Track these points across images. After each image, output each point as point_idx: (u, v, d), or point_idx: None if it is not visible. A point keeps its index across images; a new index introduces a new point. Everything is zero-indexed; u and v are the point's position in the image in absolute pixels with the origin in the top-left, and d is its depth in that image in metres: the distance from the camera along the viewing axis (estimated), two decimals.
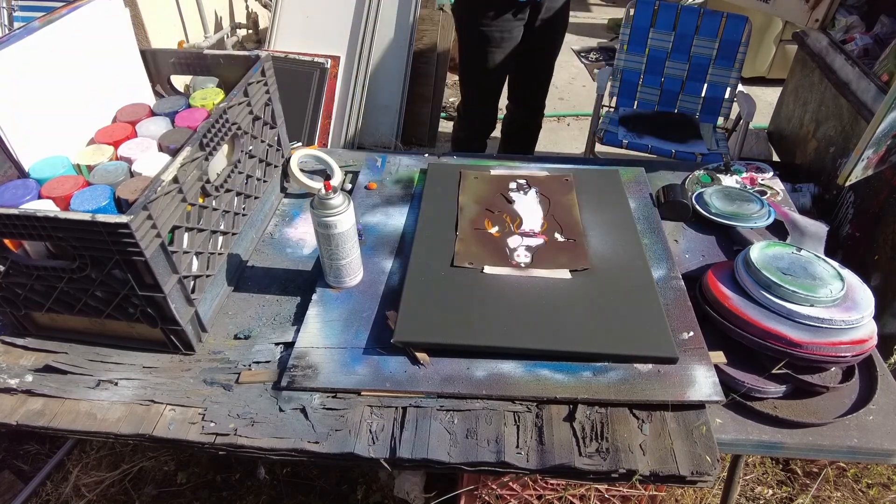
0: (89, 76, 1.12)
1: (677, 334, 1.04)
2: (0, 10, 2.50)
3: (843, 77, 2.03)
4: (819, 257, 1.10)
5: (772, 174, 1.50)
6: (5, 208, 0.85)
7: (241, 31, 3.38)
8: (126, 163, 1.05)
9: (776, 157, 2.62)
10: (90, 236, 0.85)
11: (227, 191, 1.13)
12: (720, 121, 2.44)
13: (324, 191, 1.02)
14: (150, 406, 0.96)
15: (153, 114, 1.19)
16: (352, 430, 0.92)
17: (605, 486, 1.24)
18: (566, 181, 1.40)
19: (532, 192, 1.37)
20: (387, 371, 0.99)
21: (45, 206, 0.93)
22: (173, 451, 1.68)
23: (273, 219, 1.36)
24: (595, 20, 4.88)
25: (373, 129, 2.95)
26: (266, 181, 1.32)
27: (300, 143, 2.49)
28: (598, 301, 1.08)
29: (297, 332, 1.06)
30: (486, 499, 1.24)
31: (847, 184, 1.43)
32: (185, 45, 2.99)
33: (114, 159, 1.07)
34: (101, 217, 0.83)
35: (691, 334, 1.04)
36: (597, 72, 2.76)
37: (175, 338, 1.02)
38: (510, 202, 1.33)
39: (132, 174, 1.03)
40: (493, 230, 1.25)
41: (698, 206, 1.36)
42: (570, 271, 1.14)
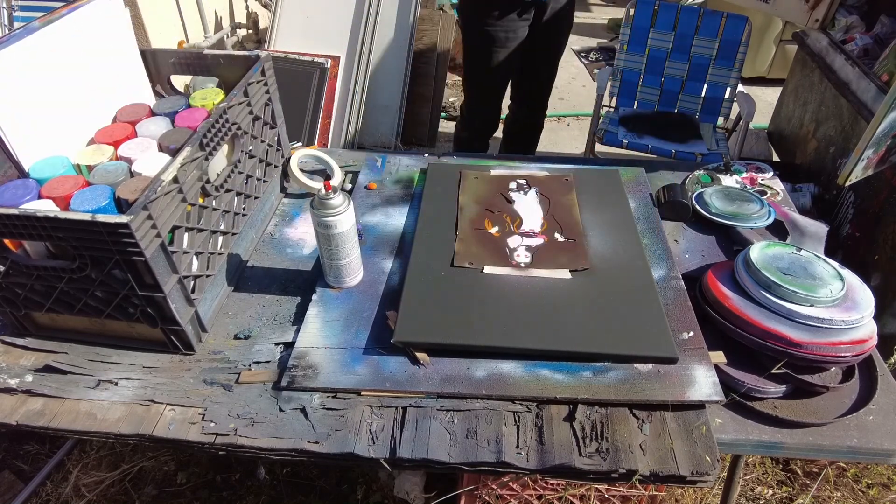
0: (89, 76, 1.12)
1: (677, 334, 1.04)
2: (0, 10, 2.50)
3: (843, 77, 2.03)
4: (819, 257, 1.10)
5: (772, 174, 1.50)
6: (5, 208, 0.85)
7: (241, 31, 3.38)
8: (126, 163, 1.05)
9: (776, 157, 2.62)
10: (90, 236, 0.85)
11: (227, 191, 1.13)
12: (720, 121, 2.44)
13: (324, 191, 1.02)
14: (150, 406, 0.96)
15: (153, 114, 1.19)
16: (352, 430, 0.92)
17: (605, 486, 1.24)
18: (566, 181, 1.40)
19: (532, 192, 1.37)
20: (387, 371, 0.99)
21: (45, 206, 0.93)
22: (173, 451, 1.68)
23: (273, 219, 1.36)
24: (595, 20, 4.88)
25: (373, 129, 2.95)
26: (266, 181, 1.32)
27: (300, 143, 2.49)
28: (598, 301, 1.08)
29: (297, 332, 1.06)
30: (486, 499, 1.24)
31: (847, 184, 1.43)
32: (185, 45, 2.99)
33: (114, 159, 1.07)
34: (101, 217, 0.83)
35: (691, 334, 1.04)
36: (597, 72, 2.76)
37: (175, 338, 1.02)
38: (510, 202, 1.33)
39: (132, 174, 1.03)
40: (493, 230, 1.25)
41: (698, 206, 1.36)
42: (570, 271, 1.14)
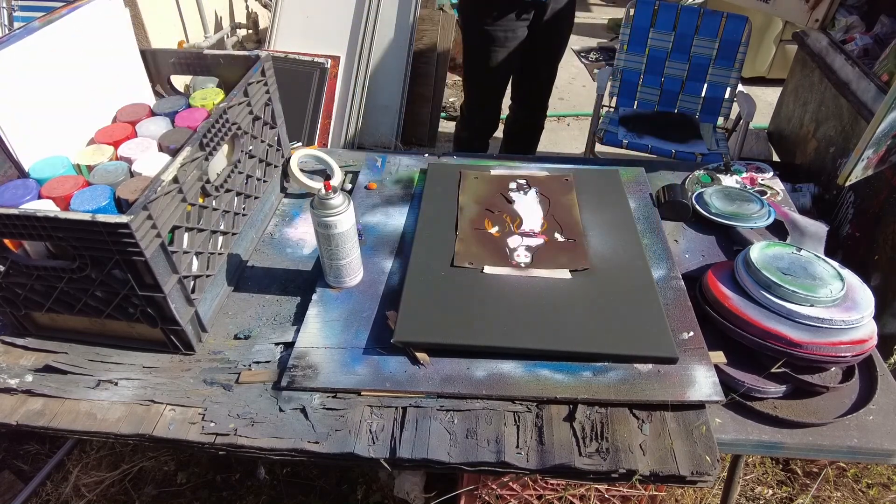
0: (89, 76, 1.12)
1: (677, 334, 1.04)
2: (0, 10, 2.50)
3: (843, 77, 2.03)
4: (819, 257, 1.10)
5: (772, 174, 1.50)
6: (5, 208, 0.85)
7: (241, 31, 3.38)
8: (126, 163, 1.05)
9: (776, 157, 2.62)
10: (90, 236, 0.85)
11: (227, 191, 1.13)
12: (720, 121, 2.44)
13: (324, 191, 1.02)
14: (150, 406, 0.96)
15: (153, 114, 1.19)
16: (352, 430, 0.92)
17: (605, 486, 1.24)
18: (566, 181, 1.40)
19: (532, 192, 1.37)
20: (387, 371, 0.99)
21: (45, 206, 0.93)
22: (173, 451, 1.68)
23: (273, 219, 1.36)
24: (595, 20, 4.88)
25: (373, 129, 2.95)
26: (266, 181, 1.32)
27: (300, 143, 2.49)
28: (598, 301, 1.08)
29: (297, 332, 1.06)
30: (486, 499, 1.24)
31: (847, 184, 1.43)
32: (185, 45, 2.99)
33: (114, 159, 1.07)
34: (101, 217, 0.83)
35: (691, 334, 1.04)
36: (597, 72, 2.76)
37: (175, 338, 1.02)
38: (510, 202, 1.33)
39: (132, 174, 1.03)
40: (493, 230, 1.25)
41: (698, 206, 1.36)
42: (570, 271, 1.14)
